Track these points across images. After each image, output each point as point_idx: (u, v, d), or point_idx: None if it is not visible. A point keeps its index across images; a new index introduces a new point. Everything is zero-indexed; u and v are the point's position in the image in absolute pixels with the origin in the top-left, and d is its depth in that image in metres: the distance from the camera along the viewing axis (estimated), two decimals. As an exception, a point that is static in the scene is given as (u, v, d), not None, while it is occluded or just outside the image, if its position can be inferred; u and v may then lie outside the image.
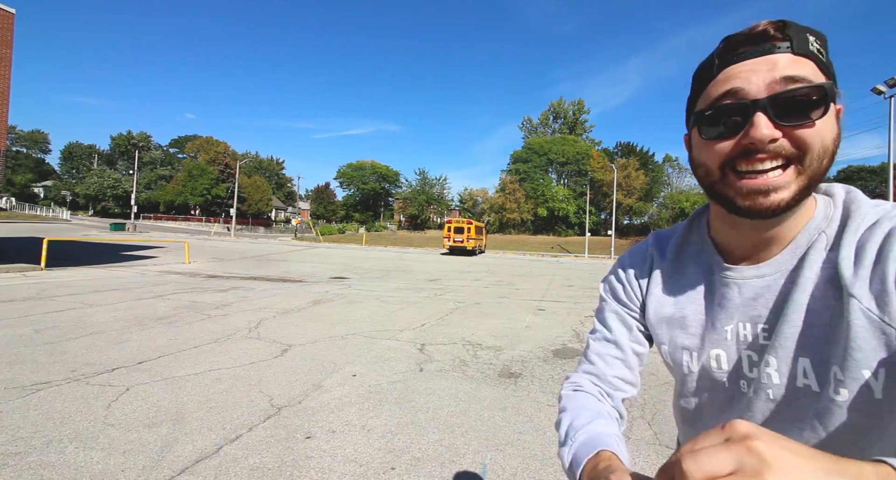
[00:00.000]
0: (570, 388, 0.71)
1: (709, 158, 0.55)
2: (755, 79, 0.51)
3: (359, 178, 71.87)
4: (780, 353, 0.55)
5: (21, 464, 2.26)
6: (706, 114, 0.54)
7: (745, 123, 0.51)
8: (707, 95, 0.56)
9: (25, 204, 56.21)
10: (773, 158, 0.51)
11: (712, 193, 0.57)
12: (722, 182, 0.55)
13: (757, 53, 0.52)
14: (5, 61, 11.54)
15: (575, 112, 70.98)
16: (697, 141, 0.57)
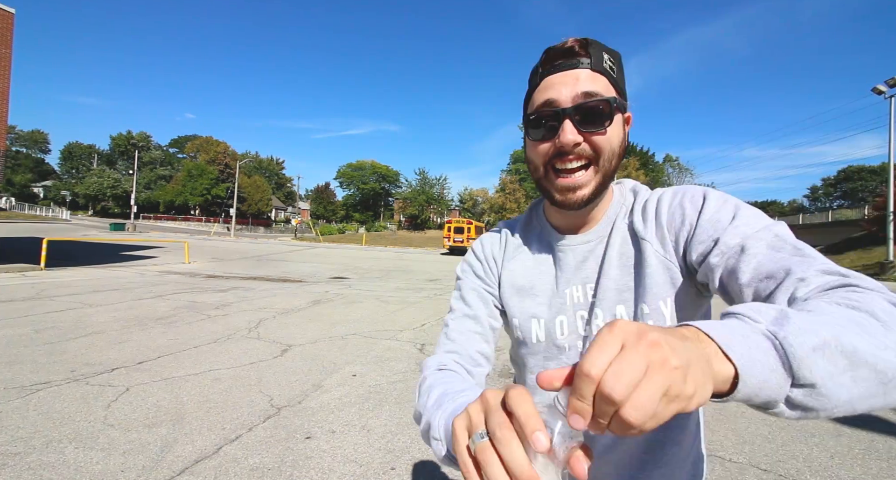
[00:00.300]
0: (435, 367, 0.66)
1: (535, 157, 0.66)
2: (564, 91, 0.62)
3: (359, 178, 71.89)
4: (603, 305, 0.67)
5: (21, 464, 2.25)
6: (531, 118, 0.65)
7: (558, 129, 0.62)
8: (533, 101, 0.66)
9: (25, 204, 56.20)
10: (578, 159, 0.63)
11: (539, 187, 0.69)
12: (545, 179, 0.66)
13: (567, 67, 0.63)
14: (5, 61, 11.54)
15: (575, 112, 70.95)
16: (527, 141, 0.67)
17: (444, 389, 0.58)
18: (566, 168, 0.63)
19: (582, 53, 0.62)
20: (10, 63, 11.64)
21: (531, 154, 0.67)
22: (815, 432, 3.03)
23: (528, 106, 0.68)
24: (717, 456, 2.63)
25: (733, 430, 3.01)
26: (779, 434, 2.97)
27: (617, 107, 0.62)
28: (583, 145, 0.62)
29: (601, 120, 0.61)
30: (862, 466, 2.57)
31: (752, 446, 2.78)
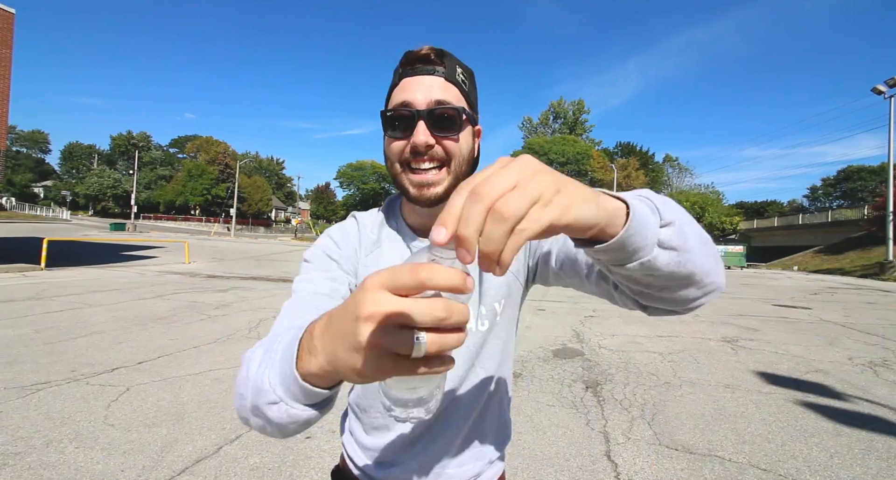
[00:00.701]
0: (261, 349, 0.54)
1: (391, 154, 0.69)
2: (420, 95, 0.65)
3: (359, 178, 71.86)
4: None
5: (21, 464, 2.26)
6: (388, 116, 0.67)
7: (411, 131, 0.65)
8: (392, 99, 0.69)
9: (25, 204, 56.20)
10: (430, 160, 0.67)
11: (396, 183, 0.71)
12: (401, 174, 0.69)
13: (423, 72, 0.67)
14: (5, 61, 11.55)
15: (575, 112, 70.99)
16: (386, 138, 0.70)
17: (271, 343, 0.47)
18: (420, 167, 0.67)
19: (437, 62, 0.67)
20: (10, 63, 11.64)
21: (388, 150, 0.70)
22: (815, 432, 3.03)
23: (388, 103, 0.70)
24: (717, 456, 2.63)
25: (733, 430, 3.01)
26: (779, 434, 2.97)
27: (467, 118, 0.68)
28: (436, 148, 0.66)
29: (452, 126, 0.66)
30: (862, 466, 2.57)
31: (752, 446, 2.78)
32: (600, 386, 3.82)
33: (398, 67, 0.69)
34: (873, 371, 4.56)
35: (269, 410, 0.43)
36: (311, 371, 0.39)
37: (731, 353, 5.16)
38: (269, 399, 0.42)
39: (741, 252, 28.61)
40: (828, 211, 40.58)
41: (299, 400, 0.41)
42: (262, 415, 0.44)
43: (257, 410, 0.44)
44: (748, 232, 46.99)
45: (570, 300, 9.32)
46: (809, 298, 11.47)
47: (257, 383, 0.43)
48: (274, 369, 0.42)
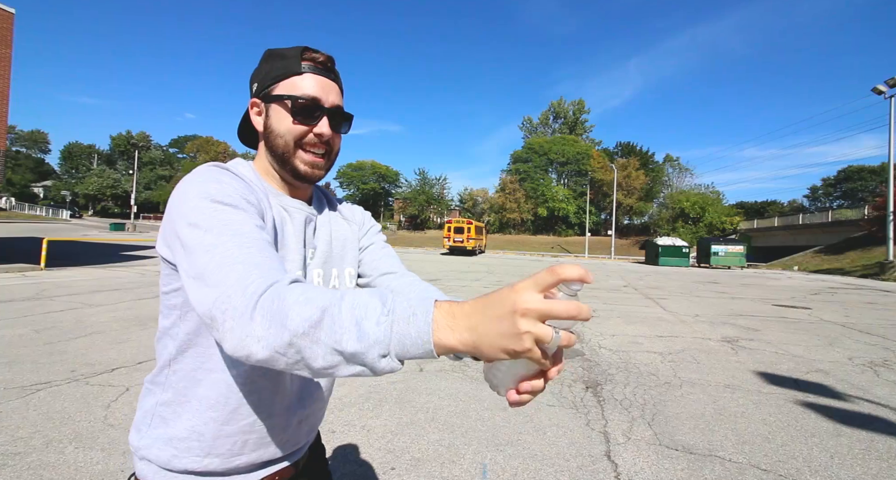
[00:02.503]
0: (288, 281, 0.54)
1: (287, 133, 0.77)
2: (328, 96, 0.79)
3: (359, 178, 71.87)
4: (326, 266, 0.86)
5: (21, 464, 2.26)
6: (301, 103, 0.77)
7: (318, 121, 0.78)
8: (293, 85, 0.77)
9: (25, 204, 56.18)
10: (322, 146, 0.80)
11: (282, 158, 0.79)
12: (293, 152, 0.79)
13: (329, 76, 0.80)
14: (5, 61, 11.54)
15: (575, 112, 70.96)
16: (281, 116, 0.77)
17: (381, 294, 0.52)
18: (315, 152, 0.80)
19: (334, 72, 0.82)
20: (10, 63, 11.64)
21: (282, 128, 0.78)
22: (815, 432, 3.03)
23: (280, 82, 0.78)
24: (717, 456, 2.63)
25: (733, 430, 3.01)
26: (779, 434, 2.97)
27: (350, 126, 0.86)
28: (329, 140, 0.80)
29: (343, 129, 0.84)
30: (862, 466, 2.57)
31: (752, 446, 2.78)
32: (600, 386, 3.82)
33: (298, 56, 0.78)
34: (873, 371, 4.56)
35: (375, 361, 0.48)
36: (447, 344, 0.47)
37: (731, 353, 5.16)
38: (381, 352, 0.48)
39: (741, 252, 28.60)
40: (828, 211, 40.58)
41: (402, 358, 0.49)
42: (351, 359, 0.48)
43: (353, 356, 0.48)
44: (748, 232, 46.98)
45: (570, 300, 9.33)
46: (809, 298, 11.47)
47: (365, 335, 0.47)
48: (383, 326, 0.48)
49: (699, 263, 30.13)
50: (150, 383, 0.77)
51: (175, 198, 0.66)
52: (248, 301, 0.50)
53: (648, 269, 24.41)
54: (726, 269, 27.41)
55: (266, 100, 0.79)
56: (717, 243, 29.43)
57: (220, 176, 0.69)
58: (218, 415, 0.72)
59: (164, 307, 0.74)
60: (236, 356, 0.51)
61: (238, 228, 0.61)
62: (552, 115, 72.09)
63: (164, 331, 0.75)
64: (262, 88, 0.79)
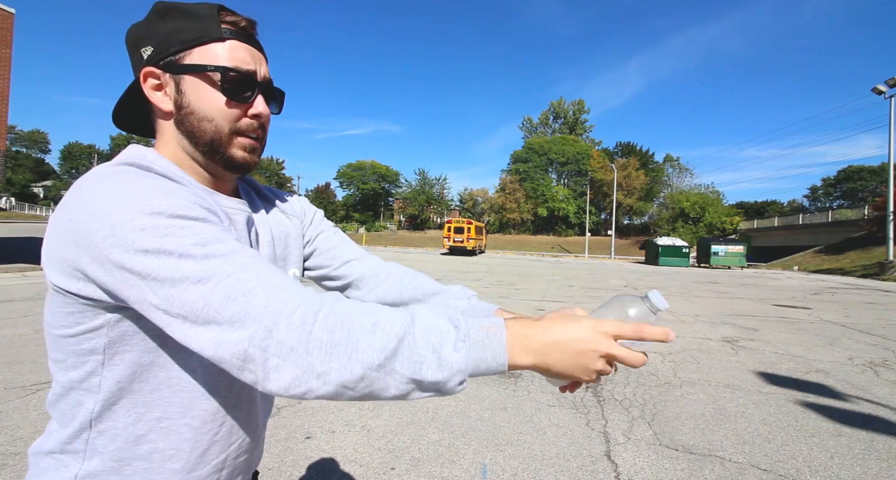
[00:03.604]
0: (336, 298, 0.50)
1: (220, 116, 0.63)
2: (260, 69, 0.65)
3: (359, 178, 71.89)
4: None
5: (21, 464, 2.26)
6: (231, 75, 0.62)
7: (253, 99, 0.65)
8: (214, 53, 0.61)
9: (25, 204, 56.19)
10: (261, 129, 0.67)
11: (213, 147, 0.63)
12: (227, 140, 0.64)
13: (254, 45, 0.66)
14: (5, 61, 11.54)
15: (575, 112, 70.98)
16: (204, 92, 0.62)
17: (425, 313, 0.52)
18: (253, 135, 0.66)
19: (257, 38, 0.67)
20: (10, 63, 11.64)
21: (210, 109, 0.62)
22: (815, 432, 3.03)
23: (193, 49, 0.61)
24: (717, 456, 2.63)
25: (733, 430, 3.01)
26: (779, 434, 2.97)
27: (282, 105, 0.74)
28: (265, 122, 0.68)
29: (278, 106, 0.72)
30: (862, 466, 2.57)
31: (752, 446, 2.78)
32: (600, 386, 3.82)
33: (214, 19, 0.62)
34: (873, 371, 4.56)
35: (454, 387, 0.49)
36: (519, 365, 0.51)
37: (731, 353, 5.16)
38: (459, 381, 0.48)
39: (741, 252, 28.59)
40: (828, 211, 40.59)
41: (473, 377, 0.50)
42: (429, 387, 0.48)
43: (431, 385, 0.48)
44: (748, 232, 46.99)
45: (571, 300, 9.33)
46: (809, 298, 11.47)
47: (447, 364, 0.47)
48: (461, 352, 0.48)
49: (699, 263, 30.13)
50: (56, 453, 0.58)
51: (98, 217, 0.49)
52: (300, 333, 0.45)
53: (648, 269, 24.41)
54: (726, 269, 27.42)
55: (173, 70, 0.61)
56: (717, 243, 29.43)
57: (156, 182, 0.54)
58: (183, 465, 0.60)
59: (66, 356, 0.56)
60: (287, 395, 0.45)
61: (224, 247, 0.50)
62: (552, 115, 72.11)
63: (73, 385, 0.57)
64: (165, 53, 0.61)
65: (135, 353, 0.57)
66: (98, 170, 0.56)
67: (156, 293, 0.47)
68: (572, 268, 21.94)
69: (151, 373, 0.58)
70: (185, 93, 0.62)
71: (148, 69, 0.62)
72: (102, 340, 0.55)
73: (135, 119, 0.73)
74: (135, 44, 0.63)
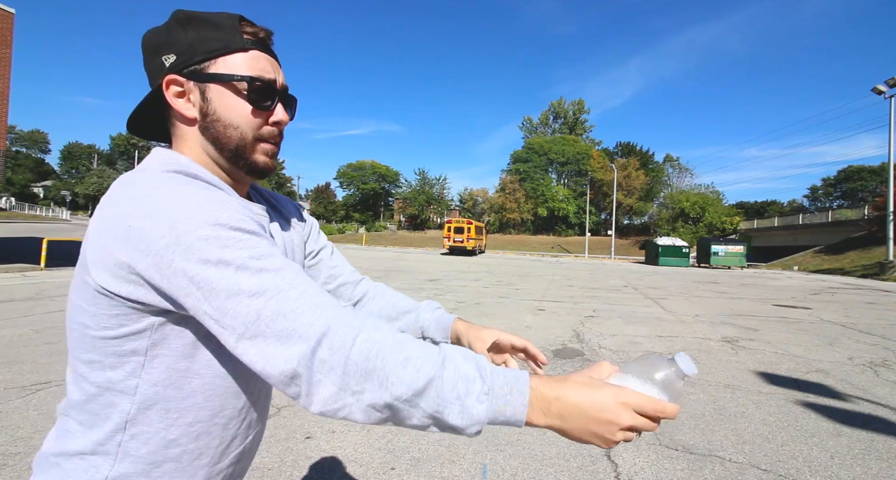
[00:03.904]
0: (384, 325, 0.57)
1: (246, 124, 0.66)
2: (279, 77, 0.69)
3: (359, 178, 71.87)
4: None
5: (21, 464, 2.26)
6: (256, 84, 0.65)
7: (273, 106, 0.68)
8: (237, 63, 0.64)
9: (25, 204, 56.16)
10: (280, 135, 0.70)
11: (238, 153, 0.66)
12: (252, 144, 0.67)
13: (271, 53, 0.69)
14: (5, 61, 11.54)
15: (575, 112, 70.97)
16: (229, 100, 0.64)
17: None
18: (275, 141, 0.70)
19: (273, 49, 0.71)
20: (10, 63, 11.64)
21: (236, 117, 0.65)
22: (815, 432, 3.03)
23: (217, 58, 0.63)
24: (717, 456, 2.63)
25: (733, 430, 3.01)
26: (779, 434, 2.97)
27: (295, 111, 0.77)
28: (283, 127, 0.71)
29: (292, 112, 0.74)
30: (862, 466, 2.57)
31: (752, 446, 2.78)
32: (600, 386, 3.82)
33: (236, 29, 0.64)
34: (873, 371, 4.56)
35: (470, 434, 0.52)
36: (535, 424, 0.53)
37: (731, 353, 5.16)
38: (477, 430, 0.52)
39: (741, 252, 28.59)
40: (828, 211, 40.57)
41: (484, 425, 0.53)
42: (447, 428, 0.52)
43: (451, 428, 0.52)
44: (748, 232, 46.98)
45: (571, 300, 9.33)
46: (809, 298, 11.47)
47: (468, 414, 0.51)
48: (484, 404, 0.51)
49: (699, 263, 30.13)
50: (87, 454, 0.59)
51: (162, 225, 0.51)
52: (339, 356, 0.49)
53: (648, 269, 24.41)
54: (726, 269, 27.41)
55: (199, 79, 0.63)
56: (717, 243, 29.42)
57: (212, 193, 0.57)
58: (209, 460, 0.63)
59: (104, 356, 0.58)
60: (326, 409, 0.50)
61: (275, 262, 0.53)
62: (552, 115, 72.10)
63: (109, 386, 0.59)
64: (189, 62, 0.63)
65: (172, 358, 0.59)
66: (148, 176, 0.58)
67: (210, 303, 0.50)
68: (572, 268, 21.93)
69: (186, 380, 0.60)
70: (211, 101, 0.64)
71: (172, 77, 0.63)
72: (145, 342, 0.57)
73: (147, 124, 0.73)
74: (154, 50, 0.64)
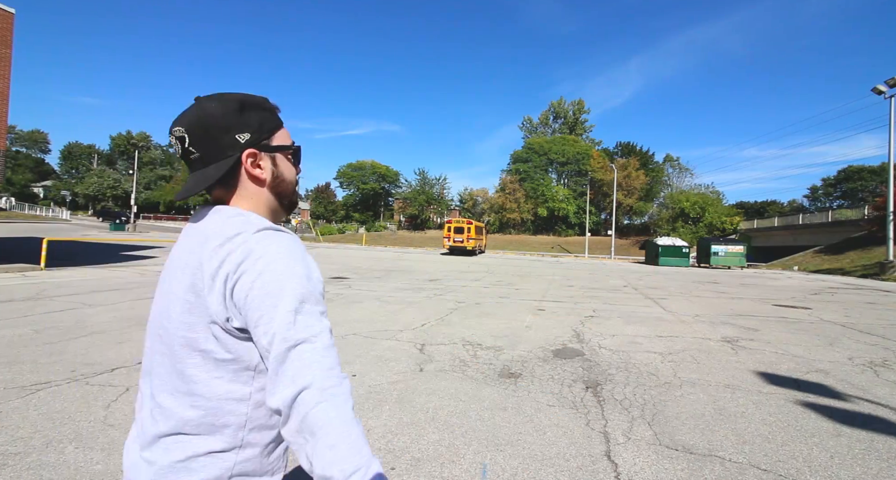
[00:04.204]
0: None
1: (293, 179, 0.91)
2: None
3: (359, 178, 71.83)
4: None
5: (21, 464, 2.25)
6: (297, 149, 0.92)
7: (297, 164, 0.94)
8: (284, 136, 0.90)
9: (25, 204, 56.12)
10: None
11: (292, 202, 0.92)
12: (295, 193, 0.93)
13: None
14: (5, 61, 11.54)
15: (575, 112, 70.95)
16: (286, 164, 0.90)
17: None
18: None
19: None
20: (10, 63, 11.63)
21: (291, 176, 0.90)
22: (815, 432, 3.03)
23: (275, 134, 0.87)
24: (717, 456, 2.63)
25: (733, 430, 3.01)
26: (779, 434, 2.97)
27: None
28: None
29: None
30: (862, 466, 2.57)
31: (752, 446, 2.78)
32: (600, 386, 3.82)
33: (275, 111, 0.89)
34: (873, 371, 4.56)
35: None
36: None
37: (731, 353, 5.16)
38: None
39: (741, 252, 28.59)
40: (828, 211, 40.54)
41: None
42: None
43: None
44: (748, 232, 46.96)
45: (571, 300, 9.33)
46: (809, 298, 11.47)
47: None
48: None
49: (699, 263, 30.12)
50: (217, 451, 0.75)
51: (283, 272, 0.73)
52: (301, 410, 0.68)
53: (648, 269, 24.40)
54: (726, 269, 27.41)
55: (267, 150, 0.86)
56: (717, 243, 29.41)
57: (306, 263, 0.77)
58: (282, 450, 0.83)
59: (226, 373, 0.75)
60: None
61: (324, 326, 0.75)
62: (552, 115, 72.07)
63: (230, 398, 0.75)
64: (259, 139, 0.84)
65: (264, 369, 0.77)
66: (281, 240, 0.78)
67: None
68: (572, 268, 21.93)
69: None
70: (280, 166, 0.88)
71: (252, 150, 0.83)
72: (255, 358, 0.76)
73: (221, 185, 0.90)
74: (226, 130, 0.82)
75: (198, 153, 0.81)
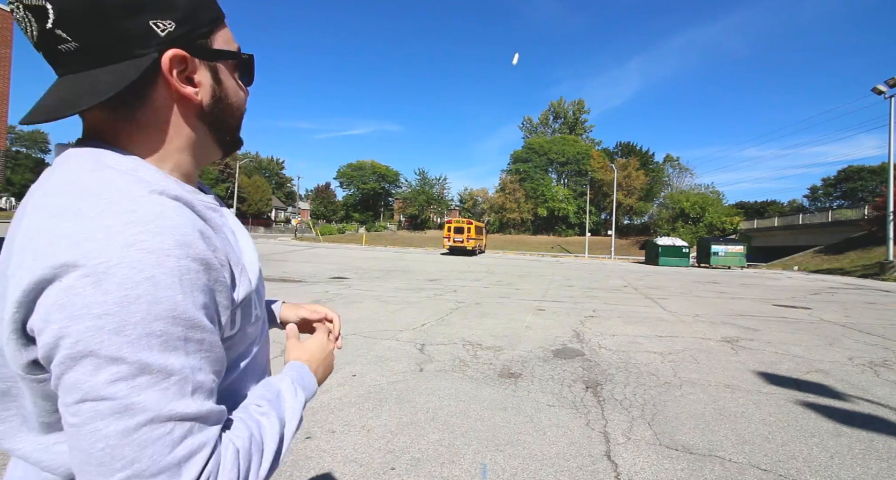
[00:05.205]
0: None
1: (243, 105, 0.61)
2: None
3: (359, 178, 71.88)
4: None
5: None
6: (246, 60, 0.59)
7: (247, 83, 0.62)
8: (227, 36, 0.57)
9: (25, 204, 56.15)
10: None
11: (233, 135, 0.61)
12: (237, 129, 0.62)
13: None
14: (5, 61, 11.54)
15: (575, 112, 70.99)
16: (231, 82, 0.58)
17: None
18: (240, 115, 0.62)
19: None
20: (10, 63, 11.63)
21: (239, 100, 0.59)
22: (815, 432, 3.03)
23: (216, 32, 0.55)
24: (717, 456, 2.63)
25: (733, 430, 3.01)
26: (779, 434, 2.97)
27: None
28: None
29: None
30: (862, 466, 2.57)
31: (752, 446, 2.78)
32: (600, 386, 3.82)
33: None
34: (873, 371, 4.56)
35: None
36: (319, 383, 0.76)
37: (731, 353, 5.16)
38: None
39: (741, 252, 28.59)
40: (828, 211, 40.56)
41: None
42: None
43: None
44: (748, 232, 46.98)
45: (571, 300, 9.33)
46: (809, 298, 11.47)
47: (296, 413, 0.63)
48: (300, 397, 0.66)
49: (699, 263, 30.12)
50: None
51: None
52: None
53: (648, 269, 24.41)
54: (726, 269, 27.41)
55: (205, 56, 0.53)
56: (717, 243, 29.42)
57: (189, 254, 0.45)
58: None
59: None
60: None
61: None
62: (552, 115, 72.10)
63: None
64: (191, 34, 0.51)
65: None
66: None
67: None
68: (572, 268, 21.93)
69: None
70: (224, 84, 0.56)
71: (180, 53, 0.50)
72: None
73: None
74: (132, 8, 0.46)
75: (75, 42, 0.45)
